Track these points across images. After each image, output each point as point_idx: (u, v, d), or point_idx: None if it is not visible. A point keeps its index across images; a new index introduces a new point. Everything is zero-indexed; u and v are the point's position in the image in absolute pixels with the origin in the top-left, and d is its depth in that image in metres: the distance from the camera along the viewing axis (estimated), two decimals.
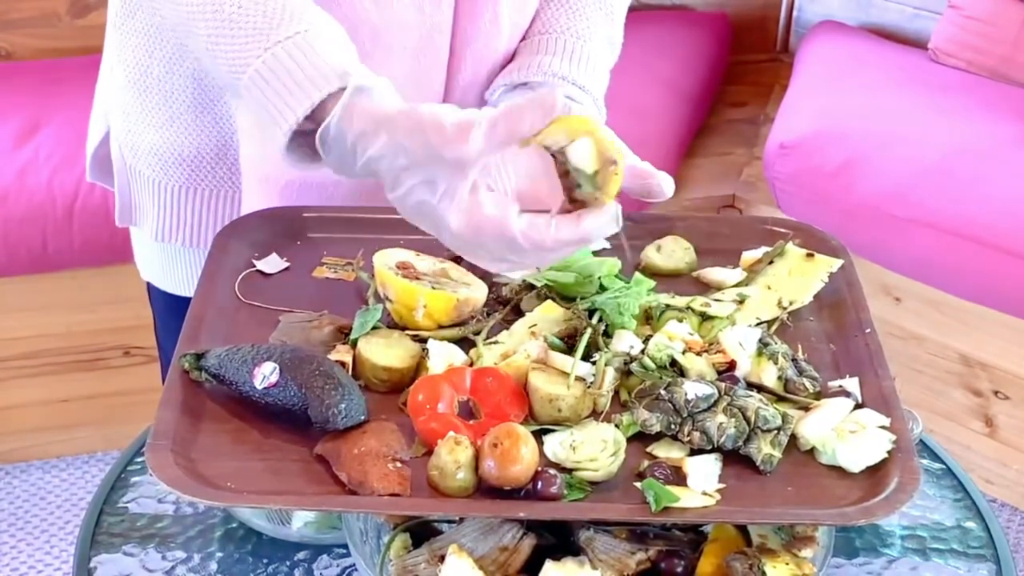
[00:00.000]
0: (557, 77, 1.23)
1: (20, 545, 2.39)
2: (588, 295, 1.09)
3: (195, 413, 0.99)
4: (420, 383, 1.00)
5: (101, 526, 1.13)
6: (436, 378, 1.00)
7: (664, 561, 0.98)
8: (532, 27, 1.28)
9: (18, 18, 2.74)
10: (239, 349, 1.00)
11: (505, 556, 0.97)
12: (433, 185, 0.94)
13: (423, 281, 1.08)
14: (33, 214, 2.28)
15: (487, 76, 1.27)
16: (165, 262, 1.38)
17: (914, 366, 2.47)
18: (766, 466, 0.95)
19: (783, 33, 3.22)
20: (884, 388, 1.03)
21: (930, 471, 1.24)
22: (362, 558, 0.98)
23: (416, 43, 1.19)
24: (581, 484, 0.94)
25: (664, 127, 2.62)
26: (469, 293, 1.08)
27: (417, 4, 1.17)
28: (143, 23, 1.24)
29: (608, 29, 1.29)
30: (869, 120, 2.49)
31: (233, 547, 1.11)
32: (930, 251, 2.31)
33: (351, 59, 1.01)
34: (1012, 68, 2.67)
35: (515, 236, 0.94)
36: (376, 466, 0.93)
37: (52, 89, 2.55)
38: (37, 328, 2.42)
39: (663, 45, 2.86)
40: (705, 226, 1.23)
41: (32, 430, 2.53)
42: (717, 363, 1.03)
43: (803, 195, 2.44)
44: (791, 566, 0.96)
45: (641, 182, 1.15)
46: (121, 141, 1.32)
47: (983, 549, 1.14)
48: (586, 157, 0.93)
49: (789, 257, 1.17)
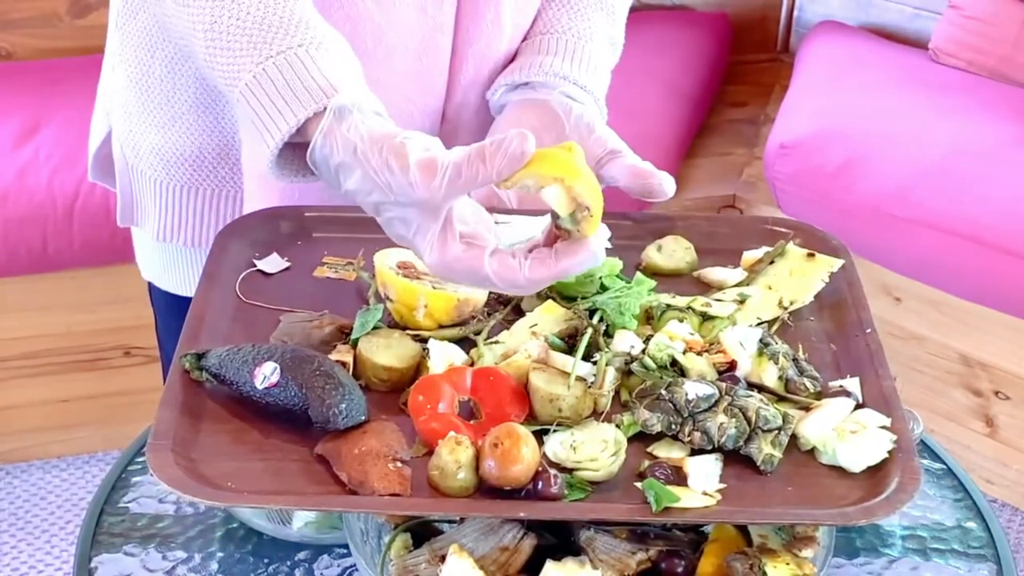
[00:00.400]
0: (558, 77, 1.23)
1: (20, 545, 2.39)
2: (589, 295, 1.09)
3: (195, 413, 0.99)
4: (420, 383, 1.00)
5: (101, 526, 1.13)
6: (436, 378, 1.00)
7: (665, 561, 0.98)
8: (534, 27, 1.29)
9: (18, 18, 2.74)
10: (240, 349, 1.00)
11: (506, 556, 0.97)
12: (407, 221, 0.95)
13: (424, 281, 1.08)
14: (33, 214, 2.28)
15: (489, 75, 1.27)
16: (166, 262, 1.38)
17: (914, 366, 2.47)
18: (766, 466, 0.95)
19: (783, 33, 3.22)
20: (885, 388, 1.03)
21: (930, 471, 1.24)
22: (363, 558, 0.98)
23: (418, 43, 1.19)
24: (581, 484, 0.94)
25: (664, 127, 2.62)
26: (470, 292, 1.08)
27: (420, 4, 1.17)
28: (145, 23, 1.24)
29: (609, 29, 1.29)
30: (869, 120, 2.49)
31: (234, 547, 1.11)
32: (930, 251, 2.31)
33: (342, 74, 1.01)
34: (1012, 68, 2.67)
35: (488, 276, 0.94)
36: (376, 466, 0.93)
37: (52, 89, 2.55)
38: (37, 328, 2.42)
39: (663, 45, 2.86)
40: (705, 226, 1.23)
41: (32, 430, 2.54)
42: (718, 363, 1.03)
43: (803, 195, 2.44)
44: (791, 566, 0.96)
45: (642, 182, 1.15)
46: (123, 141, 1.32)
47: (983, 549, 1.14)
48: (556, 202, 0.93)
49: (790, 257, 1.17)
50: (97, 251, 2.33)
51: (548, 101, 1.22)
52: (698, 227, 1.23)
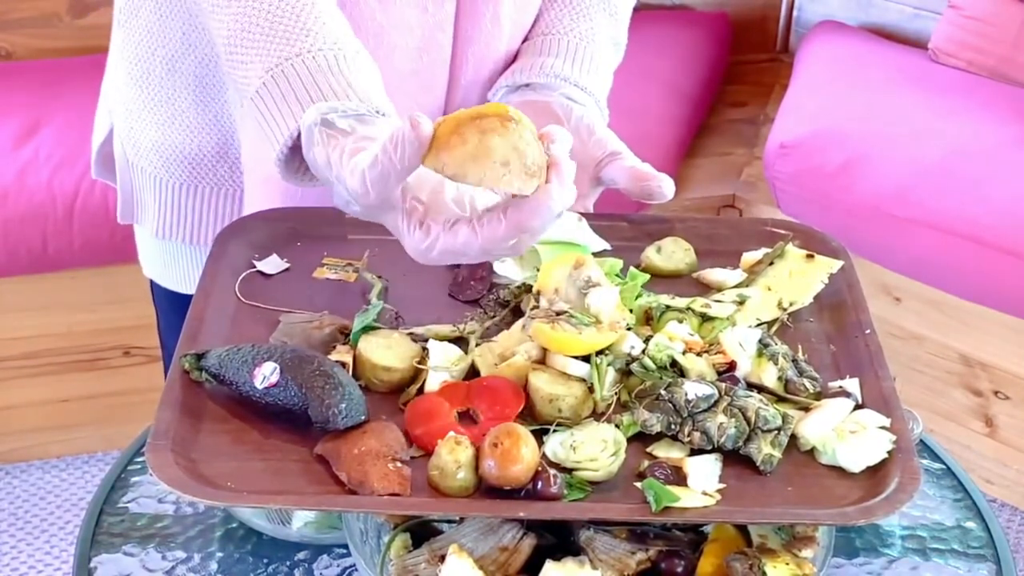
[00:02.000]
0: (559, 79, 1.23)
1: (20, 545, 2.39)
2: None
3: (195, 413, 0.99)
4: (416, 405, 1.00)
5: (101, 526, 1.13)
6: (432, 397, 1.00)
7: (664, 561, 0.98)
8: (535, 27, 1.29)
9: (18, 18, 2.74)
10: (239, 349, 1.00)
11: (505, 556, 0.97)
12: (385, 223, 0.96)
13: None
14: (33, 214, 2.28)
15: (489, 75, 1.27)
16: (167, 259, 1.39)
17: (914, 366, 2.47)
18: (766, 466, 0.95)
19: (783, 33, 3.22)
20: (884, 389, 1.03)
21: (930, 471, 1.24)
22: (362, 558, 0.98)
23: (419, 41, 1.20)
24: (581, 484, 0.94)
25: (664, 127, 2.62)
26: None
27: (420, 3, 1.17)
28: (146, 21, 1.24)
29: (612, 30, 1.29)
30: (869, 120, 2.49)
31: (233, 547, 1.11)
32: (930, 251, 2.31)
33: (342, 82, 1.01)
34: (1012, 68, 2.67)
35: (452, 250, 0.92)
36: (376, 466, 0.93)
37: (52, 89, 2.55)
38: (37, 328, 2.42)
39: (663, 45, 2.86)
40: (705, 227, 1.23)
41: (32, 430, 2.54)
42: (717, 364, 1.03)
43: (803, 195, 2.44)
44: (791, 566, 0.96)
45: (641, 184, 1.16)
46: (123, 138, 1.33)
47: (983, 549, 1.14)
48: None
49: (789, 258, 1.17)
50: (97, 251, 2.33)
51: (549, 103, 1.22)
52: (697, 229, 1.23)
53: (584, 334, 1.00)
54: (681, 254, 1.19)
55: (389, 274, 1.14)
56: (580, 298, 1.03)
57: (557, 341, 1.00)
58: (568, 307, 1.03)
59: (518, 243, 0.91)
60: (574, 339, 1.00)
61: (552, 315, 1.02)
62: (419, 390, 1.02)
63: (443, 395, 1.00)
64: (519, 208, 0.90)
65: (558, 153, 0.90)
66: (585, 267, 1.05)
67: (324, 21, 1.05)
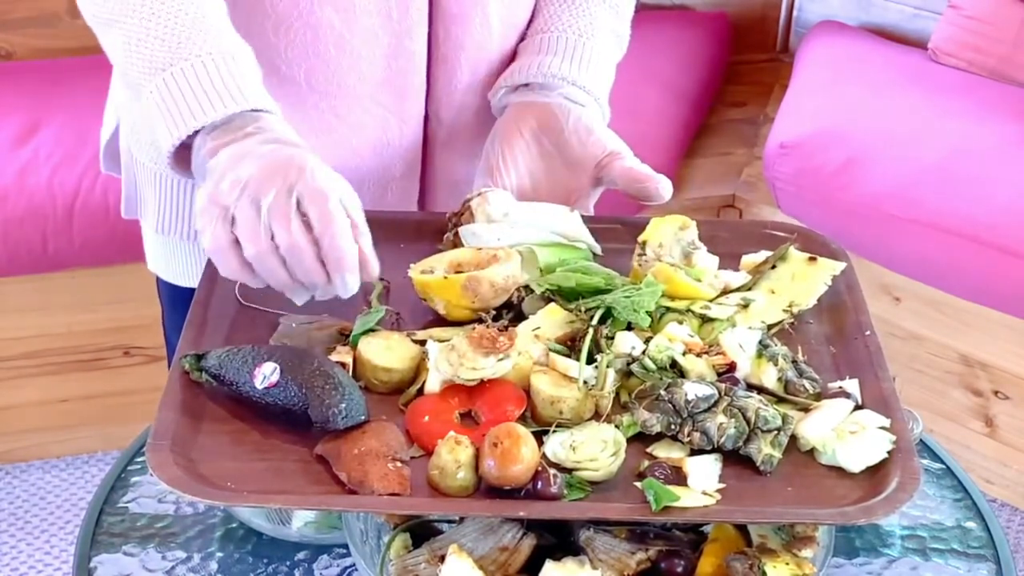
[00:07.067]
0: (558, 78, 1.23)
1: (20, 545, 2.39)
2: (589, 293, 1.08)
3: (195, 413, 0.99)
4: (416, 406, 1.00)
5: (101, 526, 1.13)
6: (433, 397, 1.00)
7: (664, 561, 0.98)
8: (533, 25, 1.28)
9: (18, 18, 2.74)
10: (239, 350, 1.00)
11: (505, 556, 0.97)
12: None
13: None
14: (33, 214, 2.28)
15: (486, 76, 1.27)
16: (168, 254, 1.39)
17: (914, 366, 2.47)
18: (766, 466, 0.95)
19: (783, 33, 3.21)
20: (884, 390, 1.03)
21: (930, 471, 1.24)
22: (362, 558, 0.99)
23: (386, 49, 1.19)
24: (581, 484, 0.94)
25: (664, 127, 2.62)
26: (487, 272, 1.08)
27: (384, 11, 1.17)
28: None
29: (613, 23, 1.28)
30: (869, 120, 2.49)
31: (233, 547, 1.11)
32: (930, 251, 2.31)
33: (223, 89, 1.04)
34: (1012, 68, 2.66)
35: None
36: (376, 466, 0.93)
37: (52, 89, 2.55)
38: (37, 328, 2.42)
39: (663, 45, 2.85)
40: (704, 229, 1.23)
41: (32, 430, 2.53)
42: (717, 365, 1.03)
43: (803, 195, 2.44)
44: (791, 566, 0.96)
45: (638, 185, 1.16)
46: (127, 133, 1.34)
47: (983, 549, 1.14)
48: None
49: (791, 261, 1.17)
50: (97, 251, 2.33)
51: (548, 103, 1.22)
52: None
53: (699, 286, 1.10)
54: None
55: (390, 276, 1.13)
56: (682, 257, 1.14)
57: (679, 284, 1.09)
58: (673, 261, 1.12)
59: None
60: (692, 287, 1.09)
61: (668, 263, 1.12)
62: (419, 390, 1.02)
63: (443, 395, 1.00)
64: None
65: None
66: (689, 230, 1.16)
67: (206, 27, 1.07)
